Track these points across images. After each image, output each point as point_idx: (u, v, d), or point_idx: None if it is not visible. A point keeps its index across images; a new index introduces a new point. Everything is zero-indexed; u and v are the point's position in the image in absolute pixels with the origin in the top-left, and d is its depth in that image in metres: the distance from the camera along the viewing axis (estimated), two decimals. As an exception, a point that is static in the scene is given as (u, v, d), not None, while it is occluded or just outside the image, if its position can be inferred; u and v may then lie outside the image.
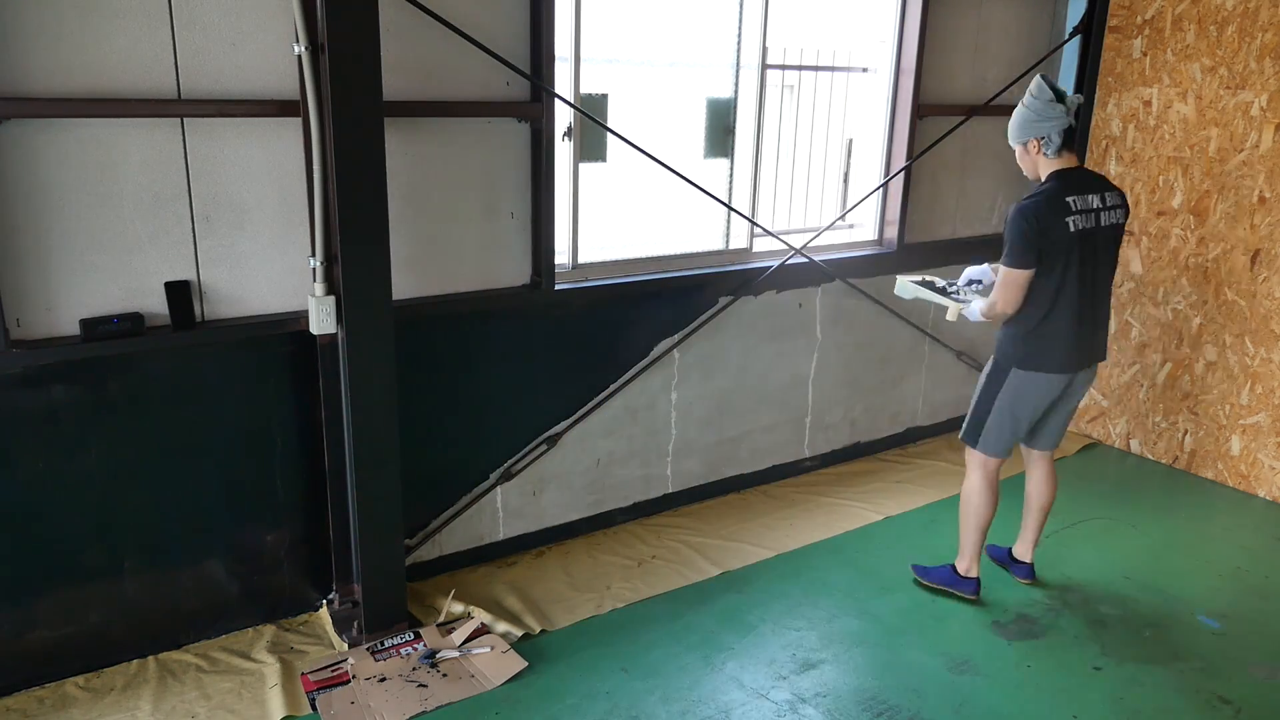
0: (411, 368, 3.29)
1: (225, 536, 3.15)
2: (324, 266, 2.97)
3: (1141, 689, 3.07)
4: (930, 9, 4.34)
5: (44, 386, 2.75)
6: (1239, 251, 4.43)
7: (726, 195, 4.16)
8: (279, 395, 3.13)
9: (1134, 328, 4.92)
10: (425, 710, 2.86)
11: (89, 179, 2.69)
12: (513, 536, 3.80)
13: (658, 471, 4.15)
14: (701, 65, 4.04)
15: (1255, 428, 4.47)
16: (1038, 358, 3.19)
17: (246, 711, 2.85)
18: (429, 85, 3.16)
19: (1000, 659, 3.21)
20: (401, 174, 3.14)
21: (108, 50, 2.63)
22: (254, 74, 2.85)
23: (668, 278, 3.91)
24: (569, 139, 3.57)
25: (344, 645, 3.18)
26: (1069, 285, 3.11)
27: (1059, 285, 3.11)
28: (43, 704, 2.86)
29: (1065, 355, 3.19)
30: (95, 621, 2.98)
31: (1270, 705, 3.01)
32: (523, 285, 3.56)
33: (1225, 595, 3.64)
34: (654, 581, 3.63)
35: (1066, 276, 3.10)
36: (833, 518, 4.18)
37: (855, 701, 2.98)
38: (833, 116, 4.52)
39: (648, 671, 3.10)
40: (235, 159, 2.89)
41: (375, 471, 3.08)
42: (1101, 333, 3.30)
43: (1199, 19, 4.46)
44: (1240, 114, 4.36)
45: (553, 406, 3.77)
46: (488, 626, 3.27)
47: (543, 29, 3.29)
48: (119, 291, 2.80)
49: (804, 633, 3.34)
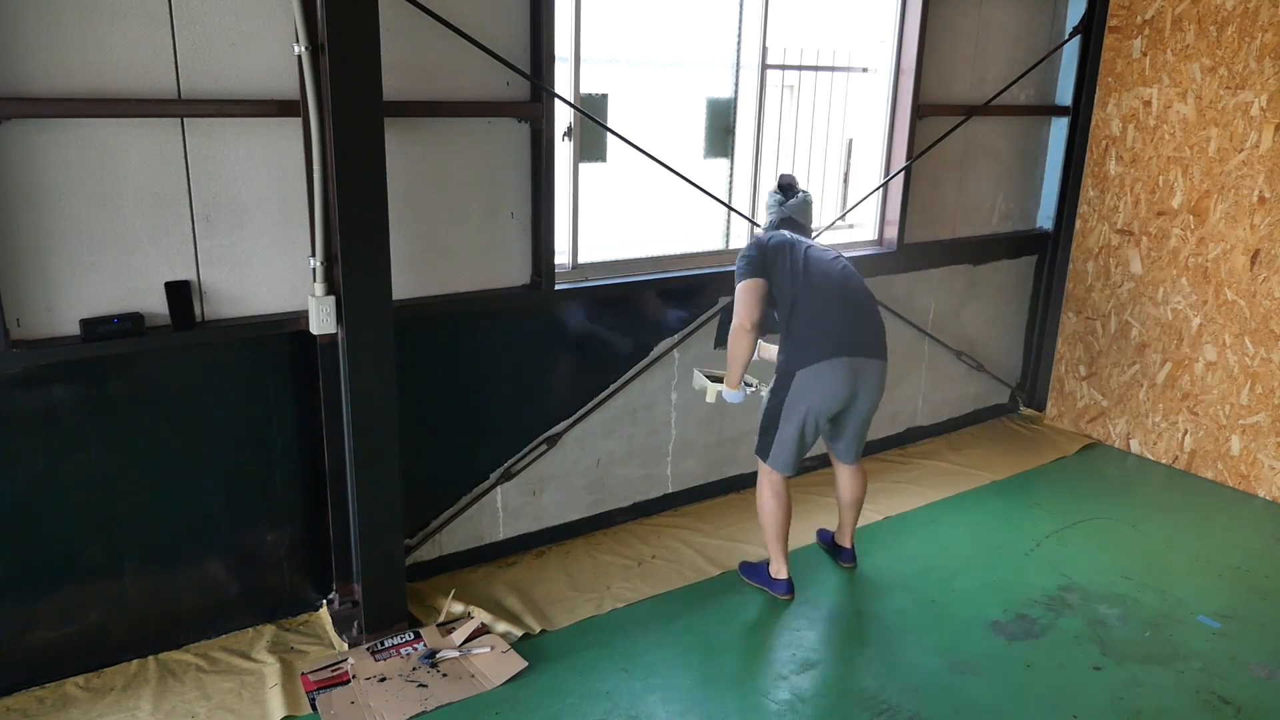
0: (411, 368, 3.29)
1: (225, 536, 3.15)
2: (324, 266, 2.97)
3: (1141, 689, 3.07)
4: (930, 9, 4.35)
5: (44, 386, 2.75)
6: (1239, 251, 4.43)
7: (726, 195, 4.16)
8: (279, 395, 3.13)
9: (1134, 328, 4.92)
10: (425, 710, 2.86)
11: (89, 179, 2.69)
12: (513, 536, 3.80)
13: (658, 471, 4.15)
14: (701, 65, 4.04)
15: (1255, 428, 4.47)
16: (809, 353, 3.31)
17: (246, 711, 2.85)
18: (429, 85, 3.16)
19: (1000, 659, 3.21)
20: (401, 174, 3.14)
21: (108, 50, 2.63)
22: (254, 74, 2.85)
23: (668, 278, 3.91)
24: (569, 139, 3.57)
25: (344, 645, 3.18)
26: (805, 291, 3.31)
27: (792, 296, 3.32)
28: (43, 704, 2.86)
29: (834, 343, 3.30)
30: (95, 621, 2.98)
31: (1270, 705, 3.01)
32: (523, 285, 3.56)
33: (1225, 595, 3.64)
34: (654, 581, 3.63)
35: (798, 285, 3.32)
36: (833, 518, 4.17)
37: (855, 701, 2.98)
38: (833, 116, 4.52)
39: (648, 671, 3.10)
40: (235, 159, 2.89)
41: (375, 471, 3.08)
42: (870, 329, 3.40)
43: (1199, 19, 4.46)
44: (1240, 114, 4.36)
45: (553, 406, 3.77)
46: (488, 626, 3.27)
47: (542, 29, 3.29)
48: (119, 291, 2.80)
49: (804, 633, 3.34)
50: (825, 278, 3.34)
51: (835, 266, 3.40)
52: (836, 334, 3.30)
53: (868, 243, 4.69)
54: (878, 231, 4.69)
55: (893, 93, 4.46)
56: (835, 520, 3.88)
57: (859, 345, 3.33)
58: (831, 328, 3.31)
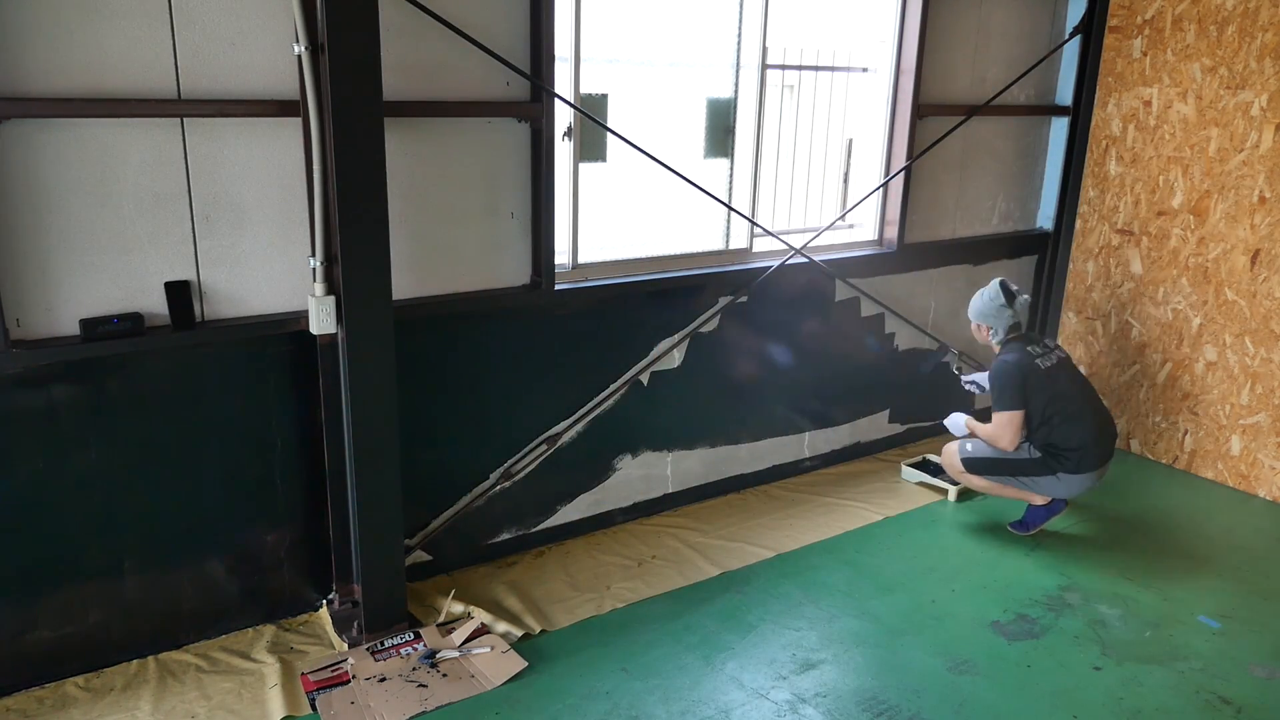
0: (411, 367, 3.29)
1: (225, 536, 3.15)
2: (324, 266, 2.97)
3: (1141, 689, 3.07)
4: (930, 9, 4.34)
5: (44, 386, 2.75)
6: (1239, 251, 4.43)
7: (726, 195, 4.16)
8: (279, 395, 3.13)
9: (1134, 328, 4.92)
10: (425, 710, 2.86)
11: (89, 179, 2.69)
12: (513, 536, 3.80)
13: (658, 471, 4.15)
14: (701, 65, 4.04)
15: (1255, 428, 4.47)
16: (1072, 462, 3.86)
17: (246, 711, 2.85)
18: (429, 85, 3.16)
19: (1000, 659, 3.21)
20: (401, 174, 3.14)
21: (108, 50, 2.63)
22: (254, 74, 2.85)
23: (668, 278, 3.91)
24: (569, 139, 3.57)
25: (344, 645, 3.18)
26: (1057, 404, 3.84)
27: (1047, 414, 3.85)
28: (43, 704, 2.86)
29: (1096, 457, 3.88)
30: (95, 621, 2.98)
31: (1270, 705, 3.01)
32: (523, 285, 3.56)
33: (1225, 595, 3.64)
34: (654, 581, 3.63)
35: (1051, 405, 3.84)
36: (833, 518, 4.18)
37: (855, 701, 2.98)
38: (833, 116, 4.52)
39: (648, 671, 3.10)
40: (235, 159, 2.89)
41: (375, 471, 3.08)
42: (1111, 439, 3.96)
43: (1199, 19, 4.46)
44: (1240, 114, 4.36)
45: (553, 406, 3.77)
46: (488, 626, 3.27)
47: (542, 29, 3.29)
48: (119, 291, 2.80)
49: (804, 633, 3.34)
50: (1072, 384, 3.91)
51: (1076, 377, 3.97)
52: (1096, 449, 3.85)
53: (868, 243, 4.69)
54: (878, 231, 4.69)
55: (893, 93, 4.46)
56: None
57: (1107, 454, 3.92)
58: (1090, 440, 3.83)
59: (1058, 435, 3.83)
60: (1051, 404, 3.82)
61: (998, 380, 3.86)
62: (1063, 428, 3.82)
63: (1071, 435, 3.82)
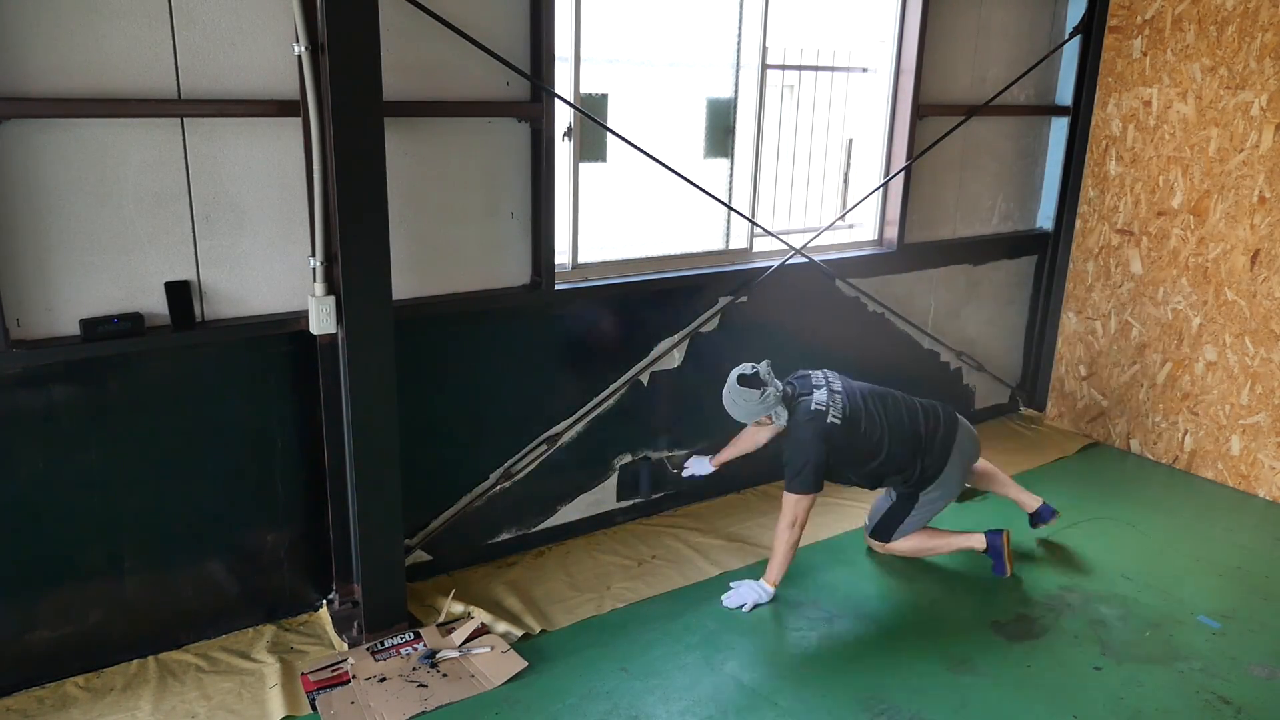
0: (411, 368, 3.29)
1: (225, 536, 3.15)
2: (324, 266, 2.97)
3: (1141, 689, 3.07)
4: (930, 9, 4.34)
5: (44, 386, 2.75)
6: (1239, 251, 4.43)
7: (726, 195, 4.16)
8: (279, 395, 3.13)
9: (1134, 328, 4.92)
10: (425, 710, 2.86)
11: (89, 179, 2.69)
12: (513, 536, 3.80)
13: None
14: (701, 65, 4.04)
15: (1255, 428, 4.47)
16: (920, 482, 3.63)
17: (246, 711, 2.85)
18: (429, 85, 3.16)
19: (1000, 659, 3.21)
20: (401, 174, 3.14)
21: (107, 50, 2.63)
22: (254, 74, 2.85)
23: (667, 278, 3.91)
24: (569, 139, 3.57)
25: (344, 645, 3.18)
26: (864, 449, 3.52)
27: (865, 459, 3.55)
28: (43, 704, 2.86)
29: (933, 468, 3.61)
30: (95, 621, 2.98)
31: (1270, 705, 3.01)
32: (523, 285, 3.56)
33: (1225, 595, 3.64)
34: (654, 581, 3.63)
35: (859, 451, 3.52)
36: (833, 518, 4.18)
37: (855, 701, 2.98)
38: (833, 116, 4.52)
39: (648, 671, 3.10)
40: (235, 159, 2.89)
41: (375, 471, 3.08)
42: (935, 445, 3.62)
43: (1199, 19, 4.46)
44: (1240, 114, 4.36)
45: (553, 406, 3.77)
46: (488, 626, 3.27)
47: (543, 29, 3.29)
48: (119, 291, 2.80)
49: (804, 633, 3.34)
50: (866, 415, 3.52)
51: (866, 401, 3.55)
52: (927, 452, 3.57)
53: (868, 242, 4.69)
54: (878, 231, 4.69)
55: (893, 93, 4.46)
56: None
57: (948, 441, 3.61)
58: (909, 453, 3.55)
59: (890, 468, 3.55)
60: (862, 448, 3.50)
61: (797, 457, 3.41)
62: (886, 461, 3.53)
63: (895, 460, 3.53)
